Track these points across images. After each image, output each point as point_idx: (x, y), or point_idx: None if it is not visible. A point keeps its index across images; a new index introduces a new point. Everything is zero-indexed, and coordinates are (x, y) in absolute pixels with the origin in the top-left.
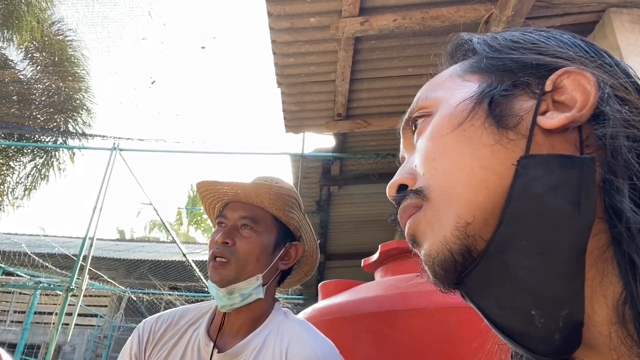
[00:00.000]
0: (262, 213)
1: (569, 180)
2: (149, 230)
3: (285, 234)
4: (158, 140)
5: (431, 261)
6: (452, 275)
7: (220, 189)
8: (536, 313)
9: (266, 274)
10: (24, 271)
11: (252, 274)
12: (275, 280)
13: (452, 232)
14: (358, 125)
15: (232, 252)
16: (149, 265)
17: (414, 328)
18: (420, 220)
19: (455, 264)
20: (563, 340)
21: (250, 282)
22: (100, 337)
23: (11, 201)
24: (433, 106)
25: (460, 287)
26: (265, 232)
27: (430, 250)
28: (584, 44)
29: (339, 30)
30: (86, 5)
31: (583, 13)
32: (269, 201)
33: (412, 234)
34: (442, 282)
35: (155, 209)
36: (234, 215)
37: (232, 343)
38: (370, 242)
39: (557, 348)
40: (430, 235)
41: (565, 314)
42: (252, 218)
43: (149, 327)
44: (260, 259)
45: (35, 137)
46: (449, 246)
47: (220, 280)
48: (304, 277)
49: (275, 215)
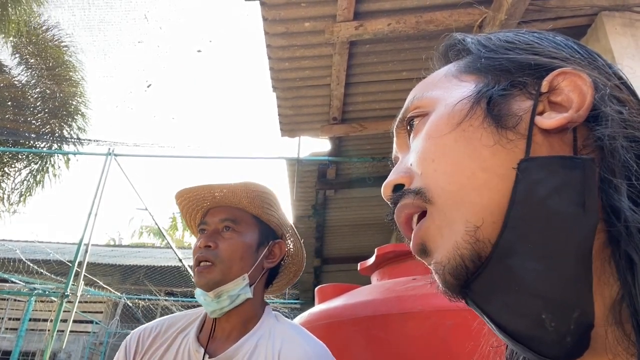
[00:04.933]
0: (241, 213)
1: (572, 182)
2: (139, 235)
3: (267, 232)
4: (153, 145)
5: (442, 269)
6: (462, 282)
7: (198, 195)
8: (547, 317)
9: (252, 274)
10: (19, 278)
11: (237, 274)
12: (262, 280)
13: (463, 237)
14: (353, 129)
15: (215, 254)
16: (144, 271)
17: (410, 331)
18: (429, 227)
19: (467, 270)
20: (574, 343)
21: (237, 283)
22: (95, 343)
23: (7, 207)
24: (429, 106)
25: (466, 293)
26: (246, 232)
27: (442, 257)
28: (577, 45)
29: (333, 35)
30: (83, 8)
31: (576, 16)
32: (247, 200)
33: (421, 242)
34: (452, 290)
35: (150, 214)
36: (214, 219)
37: (224, 348)
38: (366, 245)
39: (569, 351)
40: (440, 242)
41: (577, 316)
42: (232, 219)
43: (136, 338)
44: (244, 258)
45: (30, 143)
46: (460, 252)
47: (207, 283)
48: (293, 277)
49: (255, 215)
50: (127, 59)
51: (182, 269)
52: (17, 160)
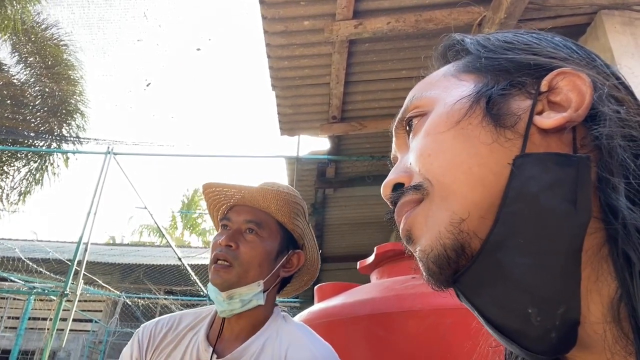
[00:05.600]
0: (267, 218)
1: (565, 179)
2: (139, 235)
3: (288, 241)
4: (152, 144)
5: (425, 257)
6: (445, 272)
7: (227, 192)
8: (533, 311)
9: (267, 281)
10: (18, 276)
11: (253, 279)
12: (275, 288)
13: (446, 227)
14: (353, 128)
15: (235, 256)
16: (144, 270)
17: (410, 330)
18: (417, 215)
19: (449, 260)
20: (559, 339)
21: (251, 288)
22: (95, 342)
23: (6, 206)
24: (428, 105)
25: (456, 286)
26: (269, 238)
27: (425, 245)
28: (575, 46)
29: (333, 33)
30: (82, 6)
31: (575, 15)
32: (275, 206)
33: (407, 229)
34: (435, 279)
35: (150, 212)
36: (238, 218)
37: (231, 348)
38: (366, 244)
39: (554, 347)
40: (425, 231)
41: (562, 312)
42: (257, 222)
43: (149, 331)
44: (262, 265)
45: (29, 142)
46: (442, 241)
47: (222, 283)
48: (304, 286)
49: (280, 222)
50: (126, 57)
51: (181, 268)
52: (16, 159)
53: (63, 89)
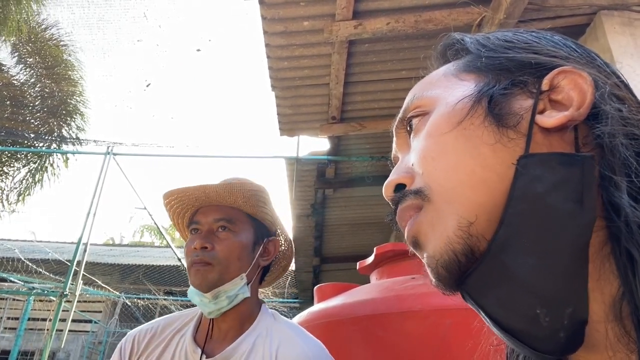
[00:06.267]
0: (236, 213)
1: (570, 178)
2: (140, 235)
3: (261, 230)
4: (152, 144)
5: (434, 263)
6: (455, 276)
7: (191, 195)
8: (541, 312)
9: (249, 272)
10: (17, 277)
11: (235, 274)
12: (257, 278)
13: (455, 233)
14: (352, 128)
15: (213, 256)
16: (143, 270)
17: (410, 330)
18: (422, 222)
19: (459, 264)
20: (567, 339)
21: (235, 283)
22: (94, 342)
23: (6, 207)
24: (429, 105)
25: (462, 288)
26: (242, 232)
27: (434, 252)
28: (575, 45)
29: (332, 34)
30: (82, 6)
31: (574, 16)
32: (242, 199)
33: (413, 236)
34: (445, 284)
35: (149, 213)
36: (207, 219)
37: (221, 348)
38: (365, 244)
39: (562, 346)
40: (432, 237)
41: (570, 312)
42: (228, 219)
43: (132, 339)
44: (241, 258)
45: (29, 142)
46: (452, 247)
47: (205, 283)
48: (282, 272)
49: (249, 213)
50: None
51: (181, 268)
52: (15, 159)
53: (63, 90)
